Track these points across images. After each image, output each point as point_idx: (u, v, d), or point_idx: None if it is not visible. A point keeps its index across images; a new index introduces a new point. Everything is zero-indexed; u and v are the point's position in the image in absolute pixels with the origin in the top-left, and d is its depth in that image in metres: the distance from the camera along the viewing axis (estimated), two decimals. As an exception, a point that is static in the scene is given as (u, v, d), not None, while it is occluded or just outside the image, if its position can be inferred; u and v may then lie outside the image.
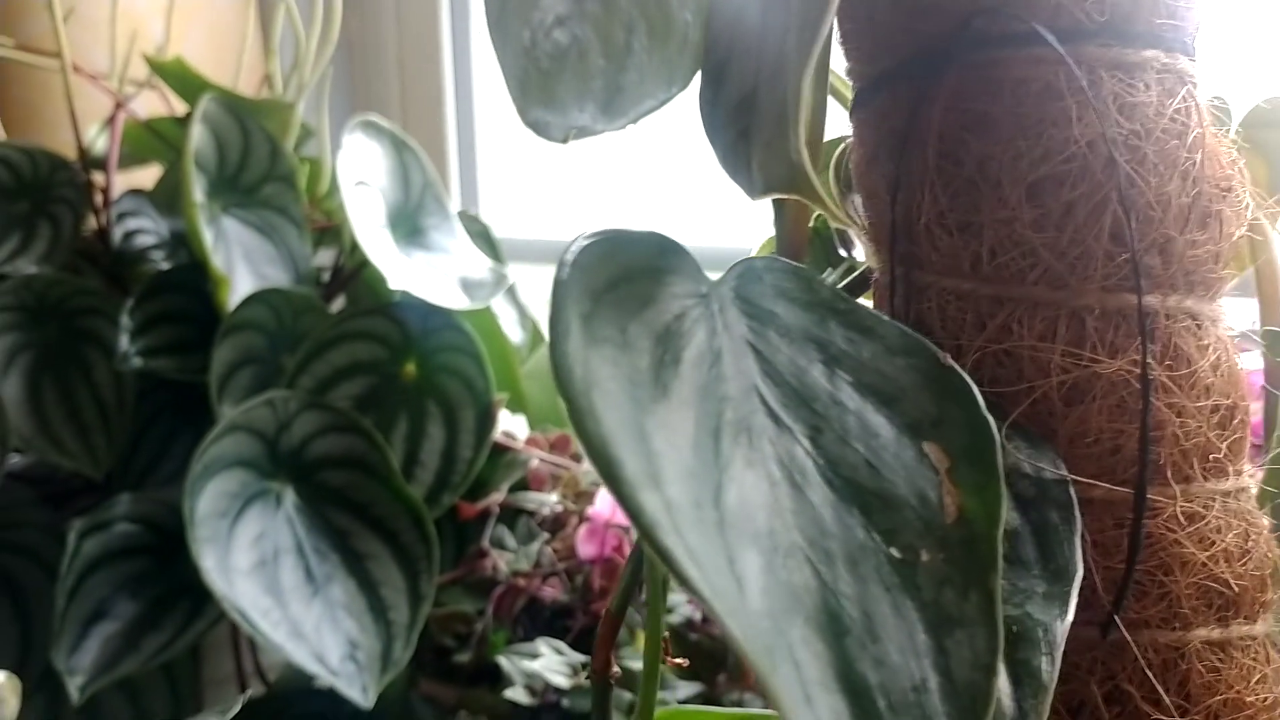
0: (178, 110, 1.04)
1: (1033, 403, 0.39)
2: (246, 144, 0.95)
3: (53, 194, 0.96)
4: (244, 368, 0.90)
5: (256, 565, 0.81)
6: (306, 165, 1.03)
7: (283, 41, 1.04)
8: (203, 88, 0.97)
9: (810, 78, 0.40)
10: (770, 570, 0.29)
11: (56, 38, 0.95)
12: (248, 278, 0.93)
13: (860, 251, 0.46)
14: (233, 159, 0.95)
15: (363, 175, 0.93)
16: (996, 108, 0.39)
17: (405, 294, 0.90)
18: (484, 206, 1.38)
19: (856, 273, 0.44)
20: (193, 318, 0.92)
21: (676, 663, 0.47)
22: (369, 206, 0.93)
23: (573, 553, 0.87)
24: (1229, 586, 0.39)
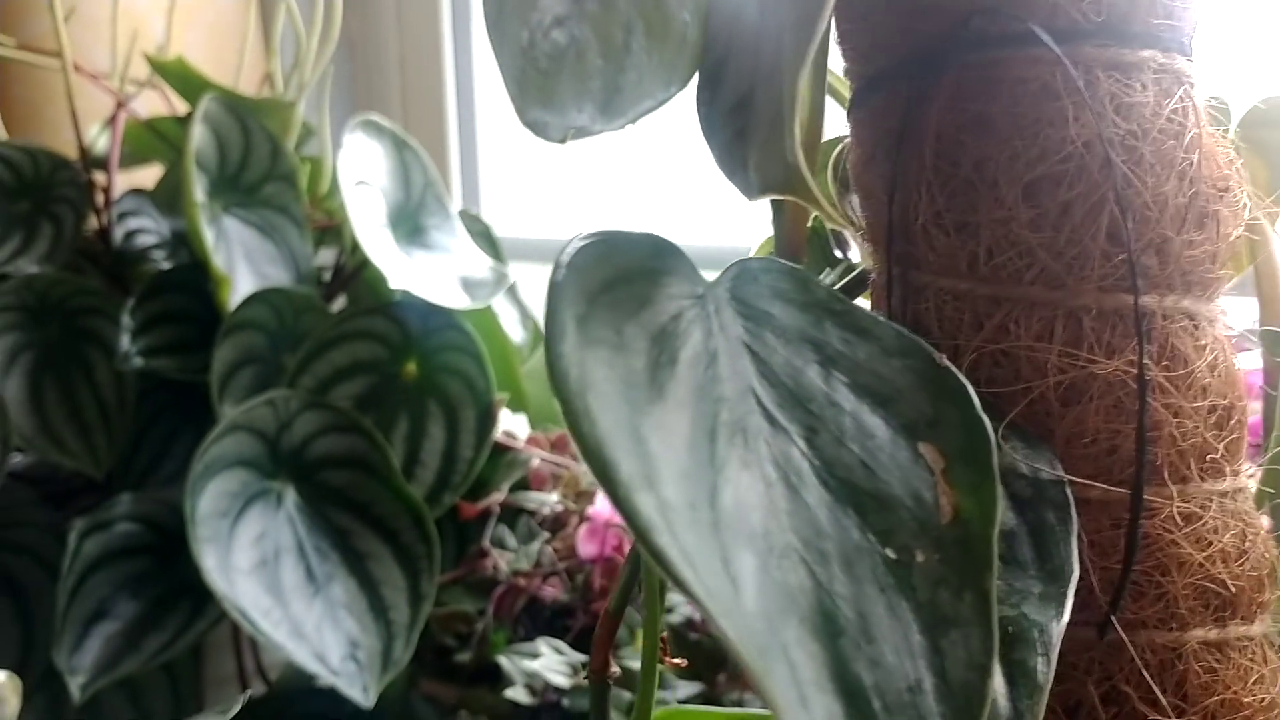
0: (179, 110, 1.04)
1: (1030, 403, 0.38)
2: (247, 143, 0.95)
3: (54, 194, 0.96)
4: (245, 367, 0.90)
5: (257, 565, 0.81)
6: (307, 164, 1.03)
7: (283, 41, 1.04)
8: (204, 87, 0.97)
9: (806, 78, 0.40)
10: (765, 571, 0.29)
11: (57, 37, 0.95)
12: (249, 277, 0.93)
13: (855, 252, 0.46)
14: (234, 158, 0.95)
15: (363, 174, 0.93)
16: (993, 108, 0.39)
17: (406, 293, 0.90)
18: (485, 206, 1.38)
19: (854, 273, 0.44)
20: (194, 317, 0.92)
21: (675, 663, 0.47)
22: (370, 206, 0.93)
23: (573, 552, 0.87)
24: (1226, 587, 0.39)
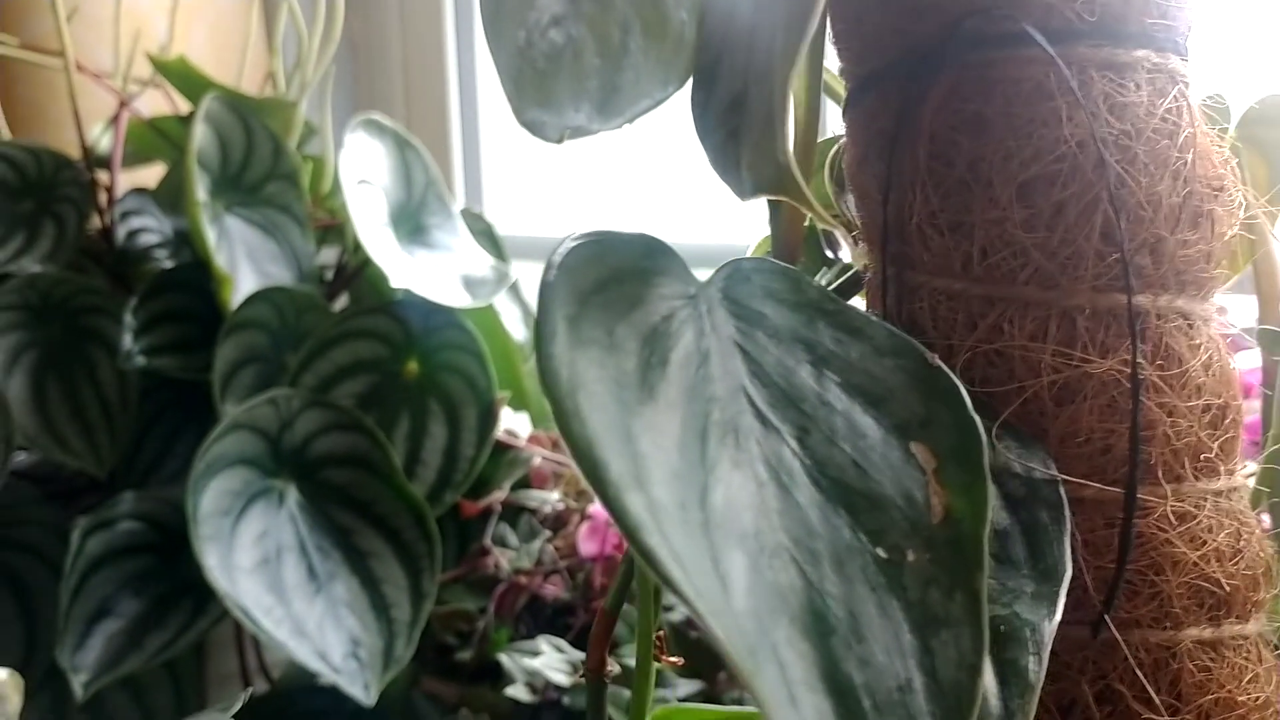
0: (181, 109, 1.04)
1: (1024, 402, 0.39)
2: (249, 142, 0.96)
3: (57, 193, 0.96)
4: (247, 366, 0.90)
5: (259, 563, 0.81)
6: (310, 164, 1.03)
7: (285, 40, 1.04)
8: (206, 86, 0.97)
9: (801, 78, 0.41)
10: (756, 570, 0.29)
11: (60, 37, 0.96)
12: (251, 276, 0.93)
13: (846, 252, 0.46)
14: (236, 158, 0.95)
15: (365, 173, 0.93)
16: (988, 108, 0.39)
17: (408, 292, 0.90)
18: (488, 204, 1.38)
19: (850, 273, 0.44)
20: (196, 316, 0.92)
21: (672, 661, 0.47)
22: (371, 205, 0.93)
23: (574, 550, 0.88)
24: (1220, 586, 0.39)
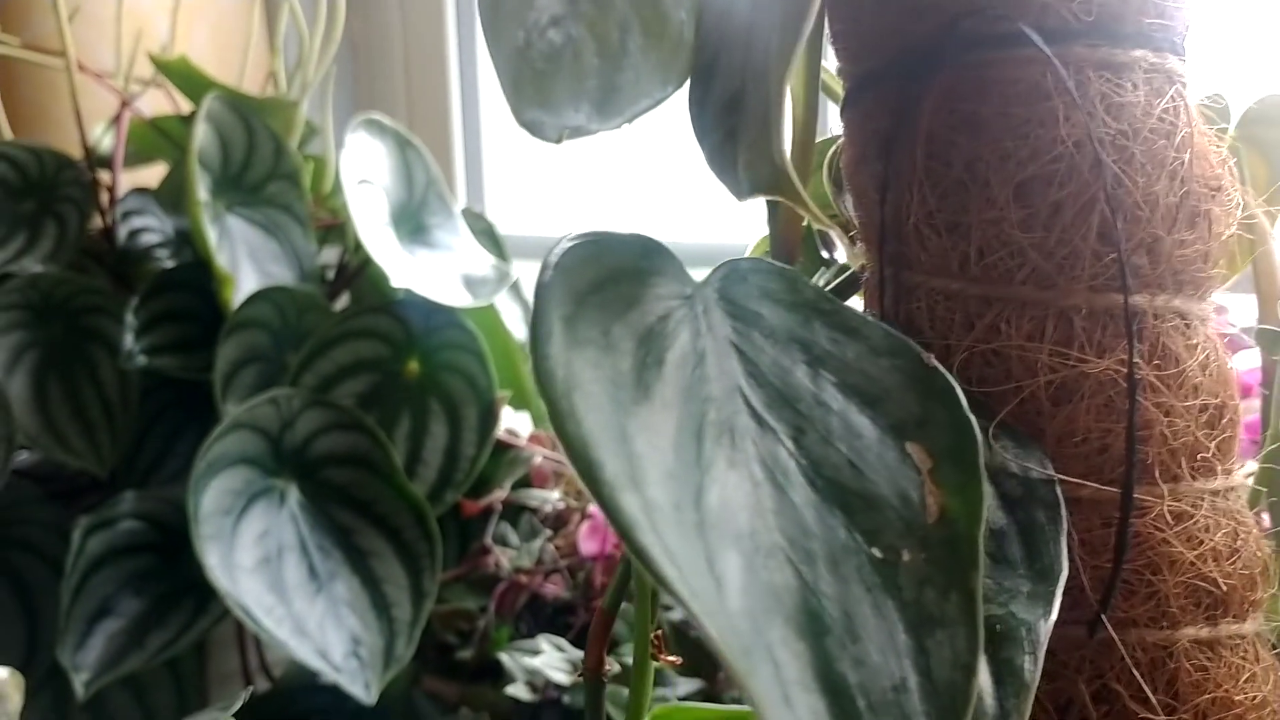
0: (183, 109, 1.04)
1: (1021, 402, 0.39)
2: (251, 142, 0.96)
3: (58, 193, 0.97)
4: (248, 366, 0.90)
5: (260, 562, 0.81)
6: (311, 163, 1.03)
7: (287, 40, 1.04)
8: (207, 86, 0.97)
9: (799, 77, 0.41)
10: (750, 570, 0.29)
11: (62, 37, 0.96)
12: (252, 276, 0.93)
13: (841, 253, 0.46)
14: (237, 157, 0.95)
15: (366, 173, 0.93)
16: (985, 108, 0.39)
17: (409, 292, 0.90)
18: (490, 203, 1.38)
19: (848, 273, 0.44)
20: (197, 316, 0.92)
21: (670, 661, 0.47)
22: (372, 204, 0.93)
23: (575, 549, 0.88)
24: (1217, 585, 0.39)
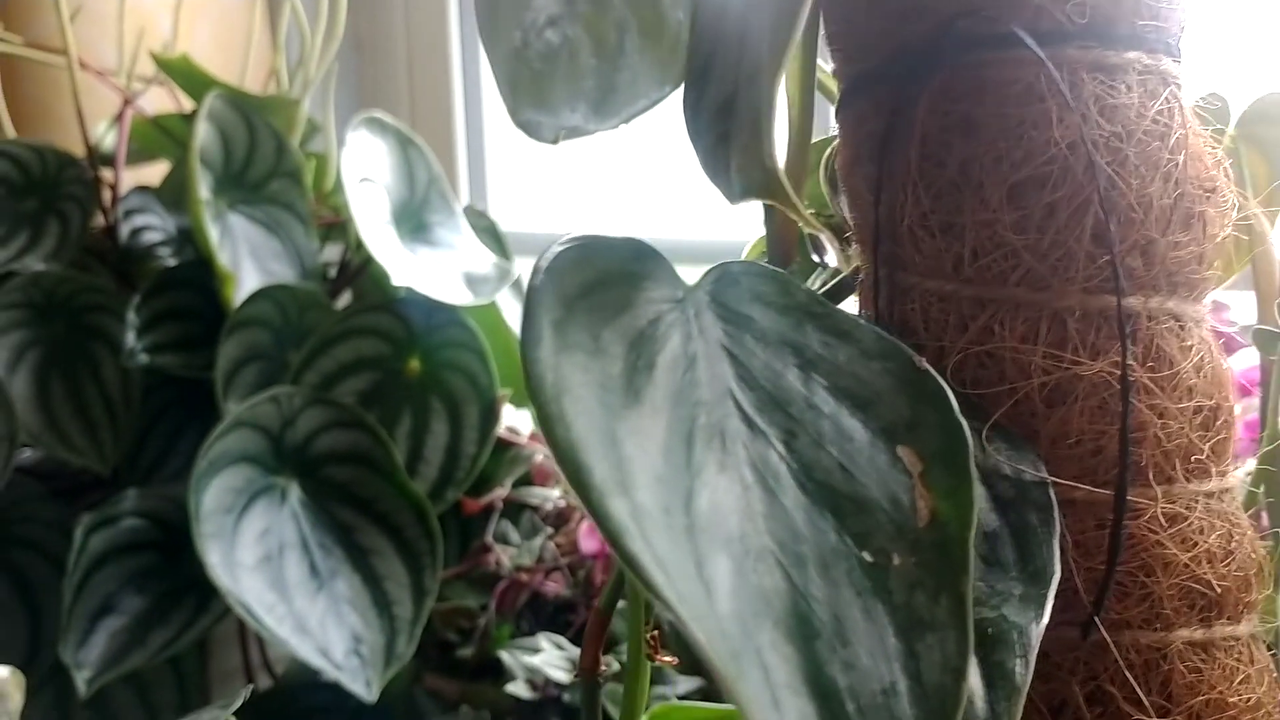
0: (185, 107, 1.04)
1: (1014, 404, 0.39)
2: (252, 140, 0.96)
3: (61, 191, 0.97)
4: (249, 364, 0.90)
5: (261, 560, 0.82)
6: (313, 161, 1.03)
7: (289, 38, 1.04)
8: (209, 84, 0.97)
9: (794, 79, 0.41)
10: (740, 574, 0.29)
11: (64, 35, 0.96)
12: (254, 274, 0.93)
13: (832, 256, 0.46)
14: (239, 155, 0.95)
15: (367, 171, 0.93)
16: (978, 110, 0.39)
17: (410, 290, 0.90)
18: (493, 201, 1.38)
19: (842, 275, 0.44)
20: (199, 314, 0.93)
21: (667, 660, 0.47)
22: (373, 202, 0.93)
23: (575, 548, 0.88)
24: (1211, 587, 0.39)
